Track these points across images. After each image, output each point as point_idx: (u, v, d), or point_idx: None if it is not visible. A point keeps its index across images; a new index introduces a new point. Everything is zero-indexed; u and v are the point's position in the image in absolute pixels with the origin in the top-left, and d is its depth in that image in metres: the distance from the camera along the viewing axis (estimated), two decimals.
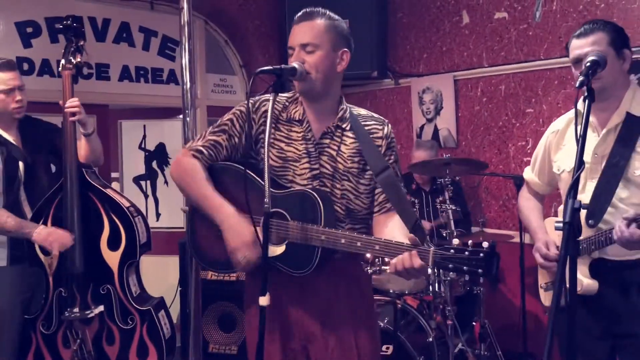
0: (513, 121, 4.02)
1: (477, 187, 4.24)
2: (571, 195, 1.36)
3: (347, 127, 1.88)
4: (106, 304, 2.75)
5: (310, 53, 1.80)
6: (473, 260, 1.53)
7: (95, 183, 2.81)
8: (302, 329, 1.87)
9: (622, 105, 1.99)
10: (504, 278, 4.11)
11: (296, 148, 1.86)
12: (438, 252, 1.57)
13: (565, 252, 1.28)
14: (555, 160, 2.17)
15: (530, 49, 3.89)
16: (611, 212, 1.95)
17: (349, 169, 1.86)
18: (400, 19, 4.70)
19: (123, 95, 4.48)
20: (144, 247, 2.87)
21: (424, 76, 4.54)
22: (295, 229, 1.75)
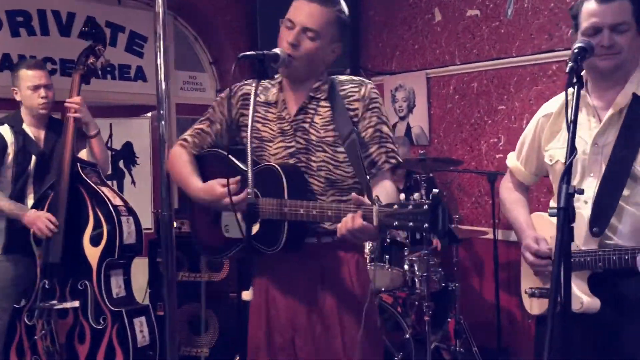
0: (485, 118, 4.05)
1: (450, 185, 4.25)
2: (565, 180, 1.32)
3: (323, 96, 1.82)
4: (82, 300, 2.76)
5: (310, 40, 1.73)
6: (418, 215, 1.40)
7: (89, 178, 2.84)
8: (289, 318, 1.83)
9: (627, 86, 1.70)
10: (478, 274, 4.13)
11: (270, 128, 1.84)
12: (382, 209, 1.48)
13: (562, 240, 1.24)
14: (547, 149, 1.89)
15: (502, 46, 3.92)
16: (616, 217, 1.68)
17: (322, 138, 1.80)
18: (373, 16, 4.68)
19: (88, 92, 4.29)
20: (130, 249, 2.88)
21: (396, 74, 4.53)
22: (264, 205, 1.72)
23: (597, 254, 1.67)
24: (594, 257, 1.68)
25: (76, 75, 2.92)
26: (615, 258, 1.63)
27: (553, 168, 1.88)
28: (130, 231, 2.82)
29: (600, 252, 1.66)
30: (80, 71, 2.91)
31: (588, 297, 1.70)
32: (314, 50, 1.74)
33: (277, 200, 1.70)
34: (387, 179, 1.79)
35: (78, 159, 2.88)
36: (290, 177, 1.72)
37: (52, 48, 4.12)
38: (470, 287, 4.07)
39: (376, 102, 1.81)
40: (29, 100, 2.91)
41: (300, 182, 1.78)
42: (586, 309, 1.69)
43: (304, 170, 1.80)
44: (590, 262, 1.68)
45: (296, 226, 1.70)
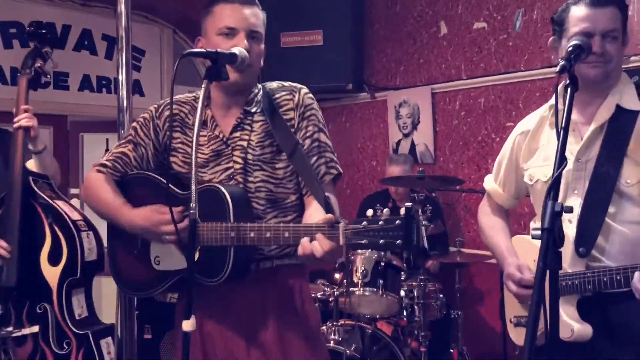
0: (493, 136, 3.83)
1: (456, 205, 4.02)
2: (551, 196, 1.12)
3: (256, 109, 1.67)
4: (42, 324, 2.51)
5: (257, 43, 1.64)
6: (389, 231, 1.30)
7: (43, 193, 2.60)
8: (227, 354, 1.65)
9: (610, 97, 1.62)
10: (483, 301, 3.87)
11: (202, 153, 1.67)
12: (349, 227, 1.35)
13: (544, 265, 1.04)
14: (526, 167, 1.79)
15: (510, 60, 3.72)
16: (603, 236, 1.59)
17: (258, 156, 1.64)
18: (377, 30, 4.53)
19: (83, 106, 4.24)
20: (91, 266, 2.62)
21: (400, 89, 4.35)
22: (205, 230, 1.53)
23: (586, 276, 1.56)
24: (582, 280, 1.57)
25: (23, 81, 2.59)
26: (607, 279, 1.51)
27: (533, 187, 1.78)
28: (91, 247, 2.59)
29: (589, 273, 1.56)
30: (27, 76, 2.58)
31: (579, 324, 1.59)
32: (261, 51, 1.66)
33: (221, 224, 1.52)
34: (329, 192, 1.61)
35: (29, 171, 2.62)
36: (235, 198, 1.55)
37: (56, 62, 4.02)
38: (475, 314, 3.81)
39: (311, 108, 1.69)
40: None
41: (246, 203, 1.61)
42: (577, 336, 1.58)
43: None
44: (579, 285, 1.57)
45: (242, 252, 1.53)
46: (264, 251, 1.63)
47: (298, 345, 1.64)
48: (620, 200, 1.58)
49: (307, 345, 1.66)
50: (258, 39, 1.63)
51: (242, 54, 1.54)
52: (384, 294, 2.96)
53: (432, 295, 3.16)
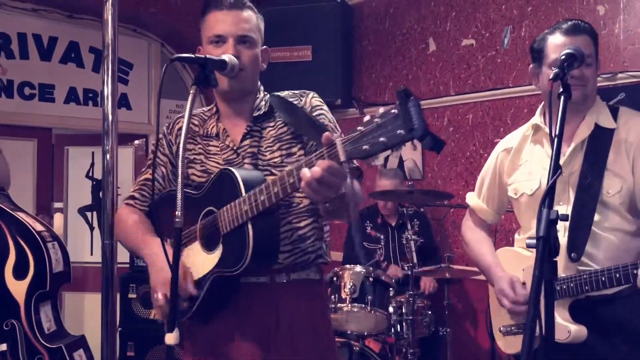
0: (481, 152, 3.83)
1: (444, 221, 4.00)
2: (545, 204, 1.10)
3: (264, 110, 1.66)
4: (10, 341, 2.42)
5: (248, 49, 1.61)
6: (388, 125, 1.16)
7: (1, 204, 2.50)
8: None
9: (588, 117, 1.77)
10: (472, 318, 3.83)
11: (216, 162, 1.66)
12: (345, 138, 1.23)
13: (540, 275, 1.01)
14: (509, 182, 1.89)
15: (498, 77, 3.73)
16: (590, 242, 1.70)
17: (267, 161, 1.62)
18: (366, 46, 4.54)
19: (68, 119, 4.19)
20: (59, 278, 2.55)
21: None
22: (223, 215, 1.50)
23: (582, 278, 1.64)
24: (578, 282, 1.65)
25: None
26: (605, 279, 1.59)
27: (518, 201, 1.86)
28: (57, 257, 2.51)
29: (585, 275, 1.64)
30: None
31: (574, 325, 1.66)
32: (254, 56, 1.62)
33: (234, 202, 1.48)
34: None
35: None
36: (245, 175, 1.51)
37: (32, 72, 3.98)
38: (463, 332, 3.77)
39: (320, 108, 1.67)
40: None
41: (258, 179, 1.53)
42: (574, 337, 1.65)
43: None
44: (574, 287, 1.66)
45: (263, 227, 1.45)
46: (279, 259, 1.57)
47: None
48: (604, 209, 1.69)
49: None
50: (250, 43, 1.61)
51: (231, 60, 1.52)
52: (372, 310, 2.91)
53: (420, 312, 3.12)
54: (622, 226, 1.70)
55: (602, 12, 3.27)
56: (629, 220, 1.70)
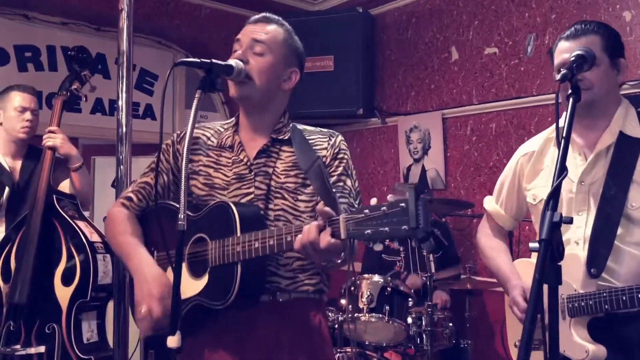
0: (504, 161, 3.73)
1: (467, 231, 3.93)
2: (549, 207, 1.07)
3: (286, 138, 1.62)
4: (49, 345, 2.48)
5: (259, 55, 1.57)
6: (394, 217, 1.16)
7: (64, 212, 2.62)
8: None
9: (613, 124, 1.67)
10: (493, 330, 3.74)
11: (224, 174, 1.62)
12: (350, 217, 1.24)
13: (540, 277, 0.98)
14: (529, 188, 1.81)
15: (521, 85, 3.67)
16: (613, 257, 1.60)
17: (282, 184, 1.58)
18: (389, 56, 4.53)
19: (95, 129, 4.27)
20: (105, 290, 2.59)
21: (411, 114, 4.32)
22: (213, 249, 1.48)
23: (602, 296, 1.56)
24: (597, 300, 1.56)
25: (58, 102, 2.72)
26: (626, 298, 1.50)
27: (536, 208, 1.79)
28: (106, 270, 2.57)
29: (605, 293, 1.55)
30: (63, 97, 2.71)
31: (593, 345, 1.57)
32: (266, 66, 1.57)
33: (227, 239, 1.46)
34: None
35: (55, 190, 2.69)
36: (243, 212, 1.49)
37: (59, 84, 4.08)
38: (485, 344, 3.68)
39: (344, 153, 1.65)
40: (12, 122, 2.78)
41: (256, 219, 1.53)
42: (592, 358, 1.56)
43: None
44: (593, 305, 1.57)
45: (251, 270, 1.45)
46: (281, 285, 1.55)
47: None
48: (628, 223, 1.60)
49: None
50: (264, 50, 1.57)
51: (238, 65, 1.52)
52: (390, 320, 2.87)
53: (441, 324, 3.06)
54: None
55: (629, 18, 3.20)
56: None
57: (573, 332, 1.59)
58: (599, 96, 1.64)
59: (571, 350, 1.58)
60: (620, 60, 1.68)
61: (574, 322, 1.60)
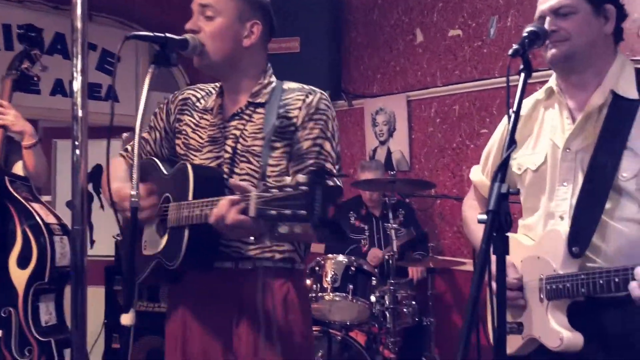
0: (467, 142, 3.81)
1: (431, 212, 3.99)
2: (498, 178, 1.09)
3: (262, 101, 1.58)
4: (5, 328, 2.45)
5: (210, 19, 1.54)
6: (297, 199, 1.13)
7: (18, 194, 2.55)
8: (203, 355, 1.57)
9: (605, 82, 1.47)
10: (456, 308, 3.82)
11: (199, 136, 1.64)
12: (261, 196, 1.21)
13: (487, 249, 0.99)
14: (514, 157, 1.63)
15: (484, 67, 3.71)
16: (599, 234, 1.44)
17: (248, 147, 1.56)
18: (355, 38, 4.52)
19: (55, 111, 4.17)
20: (64, 272, 2.55)
21: (377, 97, 4.33)
22: (172, 210, 1.51)
23: (580, 279, 1.40)
24: (575, 282, 1.41)
25: (7, 81, 2.62)
26: (603, 282, 1.34)
27: (521, 178, 1.64)
28: (64, 252, 2.53)
29: (583, 275, 1.40)
30: (13, 76, 2.62)
31: (568, 332, 1.43)
32: (218, 30, 1.53)
33: (180, 203, 1.47)
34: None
35: (6, 172, 2.61)
36: (200, 176, 1.50)
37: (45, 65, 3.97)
38: (448, 322, 3.75)
39: (323, 113, 1.55)
40: None
41: (214, 182, 1.52)
42: (567, 346, 1.43)
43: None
44: (570, 288, 1.41)
45: (199, 235, 1.44)
46: (243, 250, 1.54)
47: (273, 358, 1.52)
48: (618, 196, 1.43)
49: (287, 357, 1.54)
50: (210, 15, 1.52)
51: (193, 40, 1.50)
52: (354, 299, 2.90)
53: (404, 302, 3.11)
54: (639, 216, 1.44)
55: None
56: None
57: (550, 316, 1.46)
58: (579, 47, 1.47)
59: (546, 337, 1.48)
60: (606, 6, 1.49)
61: (552, 305, 1.47)
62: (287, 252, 1.58)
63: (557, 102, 1.58)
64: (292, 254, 1.59)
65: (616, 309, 1.40)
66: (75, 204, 2.02)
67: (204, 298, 1.57)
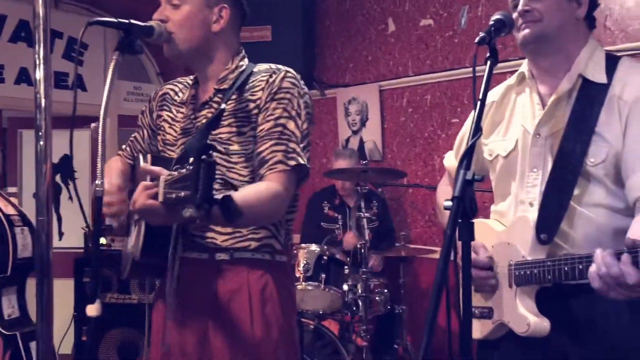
0: (439, 132, 3.84)
1: (402, 201, 4.01)
2: (463, 165, 1.09)
3: (226, 87, 1.56)
4: None
5: (176, 8, 1.51)
6: (187, 180, 1.10)
7: None
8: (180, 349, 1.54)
9: (574, 66, 1.47)
10: (428, 296, 3.86)
11: (174, 130, 1.62)
12: (169, 179, 1.20)
13: (451, 234, 1.00)
14: (486, 142, 1.64)
15: (455, 57, 3.74)
16: (567, 220, 1.44)
17: (215, 135, 1.53)
18: (328, 27, 4.51)
19: (19, 100, 4.07)
20: (26, 263, 2.51)
21: (350, 86, 4.33)
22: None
23: (546, 265, 1.40)
24: (541, 269, 1.41)
25: None
26: (568, 269, 1.35)
27: (493, 164, 1.63)
28: (25, 243, 2.49)
29: (549, 262, 1.40)
30: None
31: (536, 317, 1.45)
32: (184, 17, 1.51)
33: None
34: (275, 181, 1.47)
35: None
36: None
37: None
38: (419, 309, 3.79)
39: (287, 91, 1.51)
40: None
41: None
42: (534, 331, 1.44)
43: None
44: (537, 274, 1.42)
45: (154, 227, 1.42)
46: (217, 241, 1.51)
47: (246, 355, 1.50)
48: (586, 182, 1.44)
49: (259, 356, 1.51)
50: (175, 4, 1.51)
51: (159, 27, 1.48)
52: (327, 288, 2.91)
53: (376, 290, 3.13)
54: (607, 202, 1.44)
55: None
56: (616, 194, 1.44)
57: (518, 302, 1.48)
58: (550, 29, 1.47)
59: (514, 322, 1.50)
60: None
61: (520, 291, 1.48)
62: (264, 238, 1.54)
63: (528, 87, 1.58)
64: (269, 240, 1.54)
65: (583, 295, 1.41)
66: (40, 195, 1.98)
67: (181, 290, 1.54)
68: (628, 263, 1.18)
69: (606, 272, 1.21)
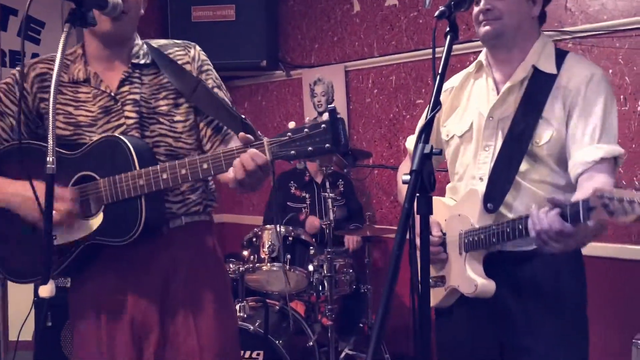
0: (404, 113, 3.86)
1: (367, 181, 4.03)
2: (422, 139, 1.10)
3: (146, 61, 1.60)
4: None
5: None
6: (316, 137, 1.31)
7: None
8: (137, 320, 1.57)
9: (528, 58, 1.63)
10: None
11: (87, 110, 1.57)
12: (274, 140, 1.35)
13: (409, 207, 1.00)
14: (445, 124, 1.78)
15: (420, 38, 3.74)
16: (512, 193, 1.60)
17: (154, 109, 1.58)
18: (292, 7, 4.45)
19: None
20: None
21: (315, 67, 4.30)
22: (107, 186, 1.47)
23: (492, 229, 1.56)
24: (487, 234, 1.56)
25: None
26: (509, 230, 1.49)
27: (449, 144, 1.77)
28: None
29: (494, 226, 1.56)
30: None
31: (483, 279, 1.60)
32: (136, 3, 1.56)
33: (126, 174, 1.44)
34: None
35: None
36: (136, 145, 1.48)
37: None
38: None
39: (207, 64, 1.67)
40: None
41: (149, 152, 1.54)
42: (481, 291, 1.60)
43: None
44: (484, 239, 1.57)
45: (153, 202, 1.47)
46: (172, 209, 1.58)
47: (207, 307, 1.61)
48: (533, 162, 1.60)
49: (216, 307, 1.62)
50: None
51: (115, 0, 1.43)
52: (292, 269, 2.90)
53: (341, 270, 3.14)
54: (551, 179, 1.61)
55: None
56: (558, 173, 1.60)
57: (467, 266, 1.61)
58: (509, 27, 1.60)
59: (463, 285, 1.63)
60: None
61: (469, 256, 1.62)
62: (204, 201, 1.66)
63: (485, 74, 1.72)
64: (207, 202, 1.68)
65: (526, 261, 1.60)
66: None
67: (138, 265, 1.57)
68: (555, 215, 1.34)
69: (540, 227, 1.37)
